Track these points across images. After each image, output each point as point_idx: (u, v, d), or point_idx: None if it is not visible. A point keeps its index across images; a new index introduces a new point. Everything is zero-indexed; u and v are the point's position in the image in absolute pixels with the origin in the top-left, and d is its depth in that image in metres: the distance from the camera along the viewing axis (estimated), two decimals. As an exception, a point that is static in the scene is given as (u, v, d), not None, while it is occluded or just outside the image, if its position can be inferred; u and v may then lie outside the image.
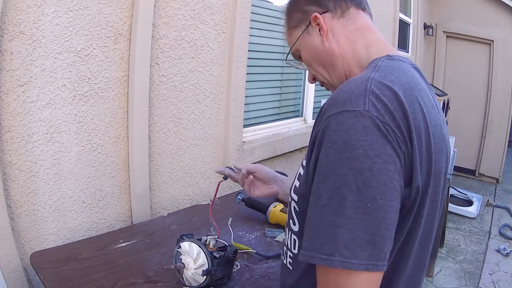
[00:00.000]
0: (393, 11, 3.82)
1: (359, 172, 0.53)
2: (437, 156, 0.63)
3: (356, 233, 0.53)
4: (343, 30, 0.75)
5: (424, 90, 0.66)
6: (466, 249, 3.23)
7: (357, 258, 0.53)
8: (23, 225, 1.17)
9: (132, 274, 1.04)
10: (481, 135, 5.17)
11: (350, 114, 0.55)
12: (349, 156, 0.54)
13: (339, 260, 0.53)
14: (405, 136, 0.56)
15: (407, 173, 0.57)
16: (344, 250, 0.53)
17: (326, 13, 0.75)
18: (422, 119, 0.60)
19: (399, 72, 0.64)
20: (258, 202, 1.45)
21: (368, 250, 0.53)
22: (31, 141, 1.14)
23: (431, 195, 0.64)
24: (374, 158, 0.53)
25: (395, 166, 0.55)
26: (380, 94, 0.57)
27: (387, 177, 0.54)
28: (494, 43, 4.90)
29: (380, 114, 0.55)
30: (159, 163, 1.56)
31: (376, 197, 0.53)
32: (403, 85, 0.61)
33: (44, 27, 1.10)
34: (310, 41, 0.77)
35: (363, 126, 0.54)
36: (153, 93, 1.46)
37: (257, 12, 2.05)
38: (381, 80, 0.59)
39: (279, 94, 2.42)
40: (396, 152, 0.55)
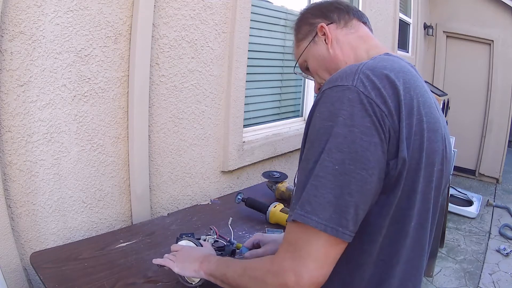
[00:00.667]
0: (393, 11, 3.82)
1: (335, 137, 0.58)
2: (431, 134, 0.65)
3: (320, 191, 0.57)
4: (346, 38, 0.83)
5: (417, 79, 0.70)
6: (466, 249, 3.23)
7: (317, 216, 0.56)
8: (23, 225, 1.16)
9: (132, 274, 1.04)
10: (481, 135, 5.17)
11: (338, 88, 0.61)
12: (331, 123, 0.59)
13: (300, 213, 0.57)
14: (391, 111, 0.60)
15: (392, 146, 0.60)
16: (307, 205, 0.58)
17: (331, 24, 0.84)
18: (414, 97, 0.64)
19: (394, 62, 0.69)
20: (258, 202, 1.45)
21: (329, 211, 0.56)
22: (31, 141, 1.14)
23: (425, 173, 0.65)
24: (351, 127, 0.58)
25: (371, 137, 0.58)
26: (370, 73, 0.63)
27: (359, 146, 0.57)
28: (494, 43, 4.90)
29: (366, 89, 0.60)
30: (159, 163, 1.56)
31: (345, 161, 0.57)
32: (395, 69, 0.66)
33: (44, 27, 1.10)
34: (316, 50, 0.85)
35: (348, 99, 0.60)
36: (153, 93, 1.46)
37: (257, 12, 2.04)
38: (374, 65, 0.65)
39: (279, 94, 2.41)
40: (375, 125, 0.59)
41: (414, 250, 0.69)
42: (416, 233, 0.68)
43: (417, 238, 0.69)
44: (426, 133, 0.64)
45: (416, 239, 0.69)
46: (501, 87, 4.92)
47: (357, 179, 0.57)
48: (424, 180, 0.66)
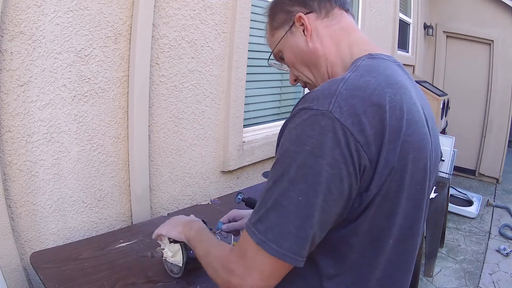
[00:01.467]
0: (393, 11, 3.82)
1: (300, 166, 0.56)
2: (416, 154, 0.63)
3: (282, 221, 0.56)
4: (327, 30, 0.75)
5: (405, 87, 0.65)
6: (466, 249, 3.23)
7: (276, 245, 0.56)
8: (23, 225, 1.16)
9: (132, 274, 1.04)
10: (481, 135, 5.17)
11: (312, 112, 0.57)
12: (297, 150, 0.57)
13: (261, 238, 0.57)
14: (368, 141, 0.56)
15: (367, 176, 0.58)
16: (269, 232, 0.57)
17: (311, 14, 0.75)
18: (401, 116, 0.60)
19: (379, 71, 0.64)
20: (258, 202, 1.45)
21: (289, 241, 0.56)
22: (31, 141, 1.14)
23: (408, 193, 0.64)
24: (318, 157, 0.55)
25: (337, 170, 0.55)
26: (350, 95, 0.57)
27: (324, 178, 0.55)
28: (494, 43, 4.90)
29: (342, 116, 0.55)
30: (159, 163, 1.56)
31: (309, 193, 0.55)
32: (381, 84, 0.61)
33: (44, 27, 1.10)
34: (293, 42, 0.77)
35: (320, 126, 0.56)
36: (153, 93, 1.46)
37: (257, 12, 2.04)
38: (356, 81, 0.60)
39: (279, 94, 2.42)
40: (345, 158, 0.55)
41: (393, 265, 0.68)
42: (396, 249, 0.67)
43: (398, 254, 0.68)
44: (411, 154, 0.62)
45: (397, 255, 0.68)
46: (501, 87, 4.92)
47: (318, 211, 0.56)
48: (407, 200, 0.64)
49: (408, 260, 0.71)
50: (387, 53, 0.72)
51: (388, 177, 0.59)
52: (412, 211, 0.67)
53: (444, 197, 2.60)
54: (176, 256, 0.98)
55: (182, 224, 0.90)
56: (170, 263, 1.02)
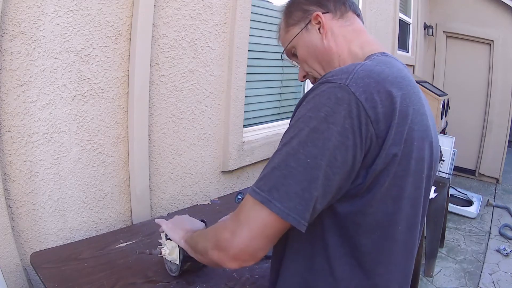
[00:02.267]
0: (393, 11, 3.82)
1: (312, 130, 0.59)
2: (419, 143, 0.66)
3: (289, 181, 0.58)
4: (341, 30, 0.79)
5: (413, 85, 0.70)
6: (466, 249, 3.23)
7: (281, 203, 0.57)
8: (23, 225, 1.16)
9: (132, 274, 1.04)
10: (481, 135, 5.16)
11: (330, 84, 0.61)
12: (311, 115, 0.60)
13: (265, 196, 0.58)
14: (378, 118, 0.59)
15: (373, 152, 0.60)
16: (274, 191, 0.58)
17: (327, 14, 0.80)
18: (409, 104, 0.64)
19: (392, 66, 0.69)
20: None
21: (294, 202, 0.57)
22: (31, 141, 1.14)
23: (414, 180, 0.66)
24: (330, 124, 0.58)
25: (344, 139, 0.58)
26: (367, 75, 0.61)
27: (332, 144, 0.58)
28: (494, 43, 4.90)
29: (357, 90, 0.59)
30: (159, 163, 1.56)
31: (317, 156, 0.58)
32: (393, 74, 0.65)
33: (44, 27, 1.10)
34: (308, 39, 0.81)
35: (336, 96, 0.59)
36: (153, 93, 1.46)
37: (257, 12, 2.04)
38: (372, 67, 0.64)
39: (279, 94, 2.41)
40: (353, 129, 0.58)
41: (401, 254, 0.69)
42: (404, 237, 0.68)
43: (405, 242, 0.69)
44: (415, 142, 0.65)
45: (404, 243, 0.69)
46: (501, 87, 4.92)
47: (323, 175, 0.58)
48: (413, 186, 0.66)
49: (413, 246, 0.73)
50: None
51: (395, 158, 0.62)
52: (417, 200, 0.69)
53: (444, 197, 2.60)
54: (173, 253, 0.98)
55: (184, 230, 0.91)
56: (169, 261, 1.02)
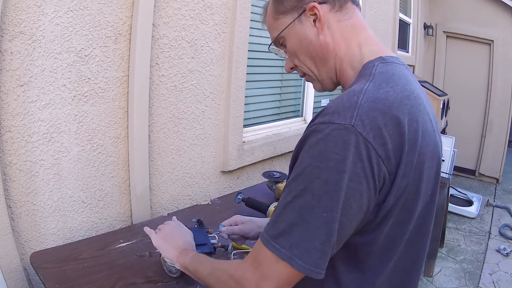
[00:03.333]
0: (393, 11, 3.82)
1: (324, 183, 0.56)
2: (429, 163, 0.64)
3: (309, 237, 0.56)
4: (339, 25, 0.71)
5: (419, 97, 0.66)
6: (466, 249, 3.23)
7: (301, 260, 0.56)
8: (23, 225, 1.16)
9: (132, 274, 1.04)
10: (481, 135, 5.16)
11: (335, 126, 0.56)
12: (320, 165, 0.56)
13: (286, 254, 0.57)
14: (389, 154, 0.57)
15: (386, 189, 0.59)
16: (295, 248, 0.57)
17: (324, 4, 0.71)
18: (418, 129, 0.61)
19: (394, 80, 0.64)
20: (258, 202, 1.45)
21: (314, 257, 0.56)
22: (31, 141, 1.14)
23: (422, 200, 0.66)
24: (342, 173, 0.55)
25: (358, 185, 0.56)
26: (371, 108, 0.57)
27: (345, 194, 0.55)
28: (494, 43, 4.89)
29: (365, 130, 0.55)
30: (159, 163, 1.56)
31: (333, 209, 0.56)
32: (398, 95, 0.61)
33: (44, 27, 1.10)
34: (302, 31, 0.72)
35: (343, 141, 0.55)
36: (153, 93, 1.46)
37: (257, 12, 2.04)
38: (375, 93, 0.60)
39: (279, 94, 2.41)
40: (365, 172, 0.56)
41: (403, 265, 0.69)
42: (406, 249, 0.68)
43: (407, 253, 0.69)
44: (426, 163, 0.63)
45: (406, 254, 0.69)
46: (501, 87, 4.92)
47: (340, 226, 0.57)
48: (420, 207, 0.66)
49: (417, 260, 0.72)
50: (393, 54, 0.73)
51: (406, 188, 0.60)
52: (423, 215, 0.68)
53: (444, 197, 2.60)
54: None
55: (177, 250, 0.88)
56: (168, 263, 1.02)
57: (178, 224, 1.01)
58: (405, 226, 0.65)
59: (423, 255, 0.73)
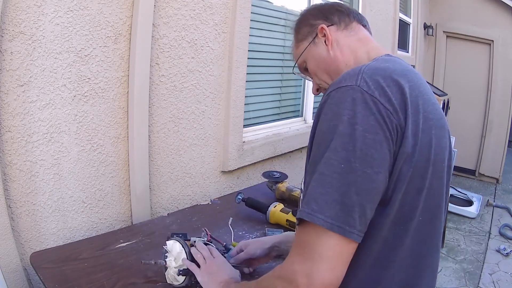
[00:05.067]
0: (393, 11, 3.82)
1: (340, 136, 0.59)
2: (438, 131, 0.66)
3: (326, 189, 0.57)
4: (346, 41, 0.83)
5: (420, 78, 0.71)
6: (466, 249, 3.23)
7: (323, 214, 0.56)
8: (23, 225, 1.16)
9: (132, 274, 1.04)
10: (481, 135, 5.17)
11: (343, 89, 0.62)
12: (336, 123, 0.60)
13: (307, 211, 0.57)
14: (396, 108, 0.61)
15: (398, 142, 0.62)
16: (313, 203, 0.57)
17: (332, 26, 0.84)
18: (419, 95, 0.65)
19: (395, 62, 0.71)
20: (258, 202, 1.45)
21: (335, 209, 0.56)
22: (31, 141, 1.14)
23: (435, 170, 0.66)
24: (355, 125, 0.58)
25: (375, 135, 0.58)
26: (373, 73, 0.63)
27: (363, 144, 0.57)
28: (494, 43, 4.90)
29: (369, 88, 0.61)
30: (159, 163, 1.56)
31: (350, 160, 0.57)
32: (398, 68, 0.67)
33: (44, 27, 1.10)
34: (316, 51, 0.85)
35: (352, 98, 0.60)
36: (153, 93, 1.46)
37: (257, 12, 2.04)
38: (376, 65, 0.67)
39: (279, 94, 2.41)
40: (379, 123, 0.59)
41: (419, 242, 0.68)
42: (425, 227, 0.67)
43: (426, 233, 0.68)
44: (433, 130, 0.65)
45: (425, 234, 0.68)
46: (501, 87, 4.92)
47: (363, 178, 0.57)
48: (433, 177, 0.66)
49: (436, 238, 0.72)
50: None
51: (416, 148, 0.62)
52: (439, 189, 0.69)
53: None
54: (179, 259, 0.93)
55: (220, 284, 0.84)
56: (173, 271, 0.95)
57: (224, 262, 0.94)
58: (418, 196, 0.64)
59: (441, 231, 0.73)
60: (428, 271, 0.71)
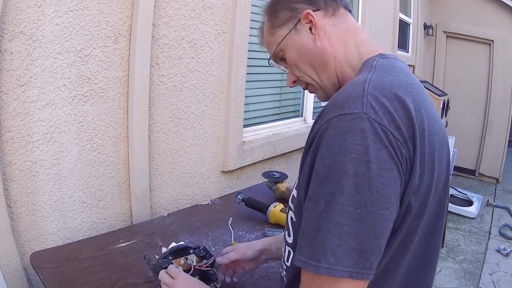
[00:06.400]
0: (393, 11, 3.82)
1: (352, 177, 0.52)
2: (441, 152, 0.63)
3: (344, 239, 0.52)
4: (334, 29, 0.73)
5: (421, 87, 0.66)
6: (466, 249, 3.23)
7: (342, 265, 0.52)
8: (23, 225, 1.16)
9: (132, 274, 1.04)
10: (481, 135, 5.16)
11: (347, 117, 0.54)
12: (344, 160, 0.53)
13: (325, 267, 0.52)
14: (405, 138, 0.55)
15: (407, 175, 0.56)
16: (331, 256, 0.52)
17: (318, 11, 0.73)
18: (424, 115, 0.60)
19: (396, 71, 0.64)
20: (258, 202, 1.45)
21: (354, 257, 0.52)
22: (31, 141, 1.14)
23: (437, 192, 0.63)
24: (368, 163, 0.52)
25: (390, 172, 0.53)
26: (379, 94, 0.56)
27: (380, 184, 0.52)
28: (494, 43, 4.90)
29: (378, 116, 0.54)
30: (159, 163, 1.56)
31: (367, 203, 0.52)
32: (402, 83, 0.60)
33: (44, 27, 1.10)
34: (299, 40, 0.73)
35: (360, 129, 0.53)
36: (153, 93, 1.46)
37: (257, 12, 2.04)
38: (379, 81, 0.59)
39: (279, 94, 2.41)
40: (393, 157, 0.53)
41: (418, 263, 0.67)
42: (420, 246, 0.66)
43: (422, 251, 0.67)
44: (437, 153, 0.61)
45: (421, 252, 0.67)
46: (501, 87, 4.92)
47: (380, 220, 0.53)
48: (436, 198, 0.64)
49: (432, 256, 0.70)
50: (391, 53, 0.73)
51: (422, 178, 0.58)
52: (436, 209, 0.66)
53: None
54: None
55: None
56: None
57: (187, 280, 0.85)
58: (419, 220, 0.62)
59: (436, 251, 0.71)
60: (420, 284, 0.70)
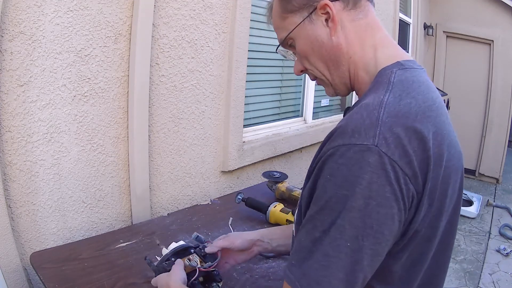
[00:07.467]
0: (393, 11, 3.82)
1: (348, 211, 0.51)
2: (454, 175, 0.61)
3: (330, 271, 0.52)
4: (353, 25, 0.66)
5: (441, 106, 0.62)
6: (466, 249, 3.23)
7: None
8: (23, 225, 1.16)
9: (132, 274, 1.04)
10: (481, 135, 5.16)
11: (356, 148, 0.52)
12: (346, 193, 0.52)
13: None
14: (415, 172, 0.53)
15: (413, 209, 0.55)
16: (315, 285, 0.53)
17: (337, 2, 0.65)
18: (443, 142, 0.58)
19: (415, 89, 0.59)
20: (258, 202, 1.45)
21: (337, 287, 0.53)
22: (31, 141, 1.14)
23: (448, 215, 0.63)
24: (368, 199, 0.51)
25: (388, 209, 0.52)
26: (394, 124, 0.53)
27: (375, 221, 0.52)
28: (494, 43, 4.90)
29: (389, 149, 0.51)
30: (159, 163, 1.56)
31: (358, 237, 0.52)
32: (421, 107, 0.57)
33: (44, 27, 1.10)
34: (312, 32, 0.67)
35: (367, 163, 0.51)
36: (153, 93, 1.46)
37: (257, 12, 2.04)
38: (396, 106, 0.55)
39: (279, 94, 2.41)
40: (396, 195, 0.52)
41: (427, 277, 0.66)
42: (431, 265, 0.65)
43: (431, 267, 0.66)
44: (452, 178, 0.60)
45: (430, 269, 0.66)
46: (501, 87, 4.92)
47: (369, 254, 0.53)
48: (447, 222, 0.63)
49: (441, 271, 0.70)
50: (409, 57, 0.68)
51: (432, 205, 0.57)
52: (446, 229, 0.65)
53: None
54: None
55: None
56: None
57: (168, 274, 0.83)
58: (430, 243, 0.62)
59: (446, 266, 0.71)
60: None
